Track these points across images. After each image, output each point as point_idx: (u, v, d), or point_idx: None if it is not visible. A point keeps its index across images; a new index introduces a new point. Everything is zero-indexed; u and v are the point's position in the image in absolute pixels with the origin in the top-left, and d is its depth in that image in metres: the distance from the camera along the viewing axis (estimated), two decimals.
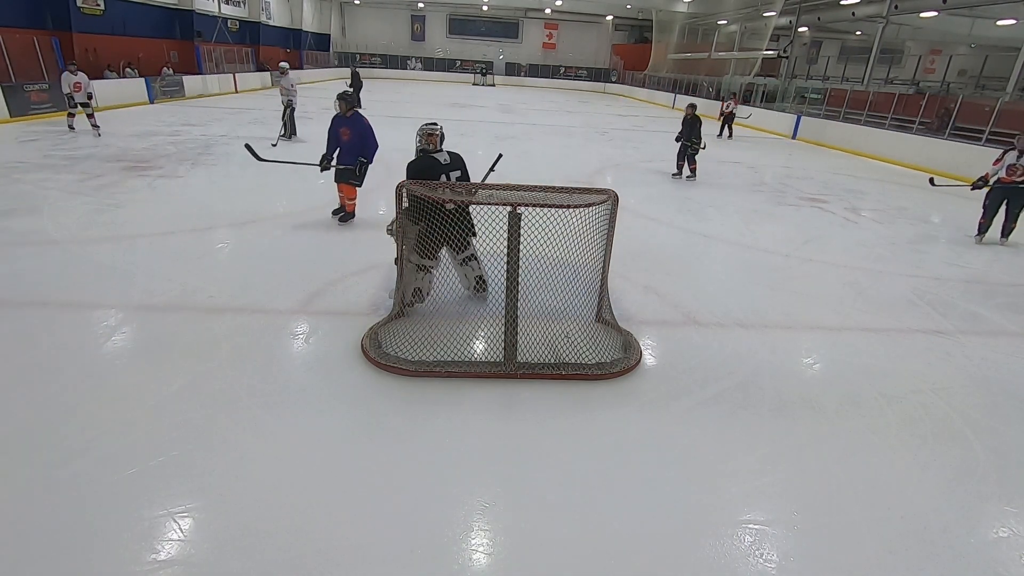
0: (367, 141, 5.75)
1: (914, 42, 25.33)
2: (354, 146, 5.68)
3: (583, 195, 3.54)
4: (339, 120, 5.72)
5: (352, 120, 5.68)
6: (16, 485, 2.36)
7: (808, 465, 2.78)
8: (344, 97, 5.73)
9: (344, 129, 5.66)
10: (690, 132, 9.78)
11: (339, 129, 5.68)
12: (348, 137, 5.65)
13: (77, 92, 10.73)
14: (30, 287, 4.15)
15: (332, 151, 5.79)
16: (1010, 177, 6.54)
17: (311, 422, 2.87)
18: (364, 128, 5.71)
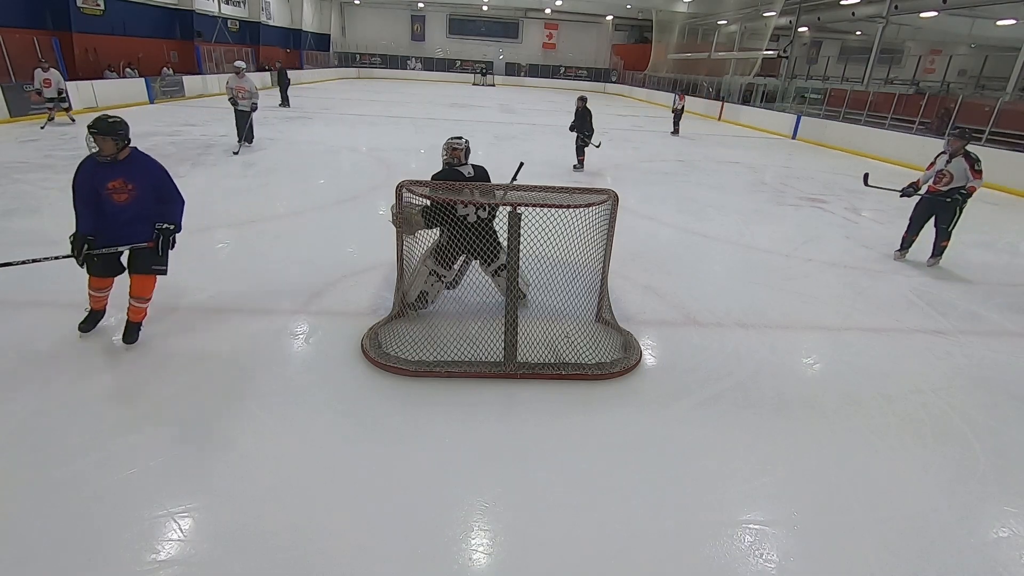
0: (165, 194, 3.40)
1: (914, 42, 25.35)
2: (141, 210, 3.28)
3: (583, 195, 3.54)
4: (102, 170, 3.29)
5: (129, 166, 3.30)
6: (16, 485, 2.36)
7: (808, 465, 2.78)
8: (108, 129, 3.22)
9: (116, 183, 3.24)
10: (582, 124, 9.64)
11: (104, 184, 3.27)
12: (126, 197, 3.25)
13: (47, 88, 11.27)
14: (30, 287, 4.15)
15: (88, 224, 3.32)
16: (936, 186, 5.62)
17: (311, 422, 2.87)
18: (156, 176, 3.38)
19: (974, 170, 5.34)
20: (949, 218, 5.58)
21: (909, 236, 5.93)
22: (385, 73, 38.99)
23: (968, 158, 5.36)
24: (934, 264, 5.84)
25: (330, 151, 10.67)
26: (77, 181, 3.34)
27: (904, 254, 6.00)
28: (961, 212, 5.55)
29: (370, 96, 24.04)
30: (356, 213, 6.79)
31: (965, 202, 5.51)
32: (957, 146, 5.41)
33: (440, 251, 3.78)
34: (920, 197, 5.74)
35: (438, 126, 15.24)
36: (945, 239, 5.72)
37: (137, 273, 3.43)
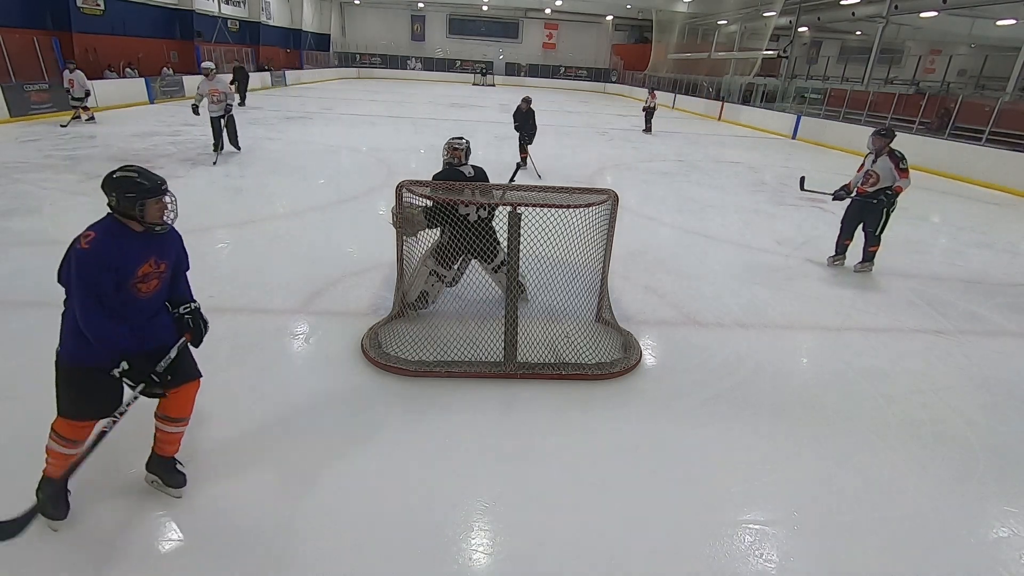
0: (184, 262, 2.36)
1: (914, 42, 25.34)
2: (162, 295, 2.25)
3: (583, 195, 3.54)
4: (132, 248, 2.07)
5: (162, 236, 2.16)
6: (16, 485, 2.36)
7: (808, 465, 2.78)
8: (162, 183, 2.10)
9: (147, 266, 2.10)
10: (524, 124, 9.52)
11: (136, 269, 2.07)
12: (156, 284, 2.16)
13: (72, 88, 11.67)
14: (30, 287, 4.15)
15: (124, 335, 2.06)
16: (864, 187, 5.37)
17: (311, 422, 2.87)
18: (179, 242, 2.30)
19: (899, 168, 5.11)
20: (876, 221, 5.32)
21: (841, 240, 5.64)
22: (385, 73, 38.98)
23: (893, 156, 5.14)
24: (863, 270, 5.51)
25: (330, 151, 10.67)
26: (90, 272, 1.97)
27: (838, 260, 5.66)
28: (889, 214, 5.31)
29: (370, 96, 24.05)
30: (356, 213, 6.80)
31: (892, 203, 5.27)
32: (880, 145, 5.19)
33: (440, 251, 3.79)
34: (851, 200, 5.46)
35: (438, 126, 15.23)
36: (874, 244, 5.42)
37: (183, 383, 2.27)
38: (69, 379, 2.11)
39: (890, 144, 5.18)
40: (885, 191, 5.22)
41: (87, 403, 2.14)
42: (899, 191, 5.20)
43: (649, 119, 16.66)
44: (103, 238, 2.01)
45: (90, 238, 1.99)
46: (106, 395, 2.13)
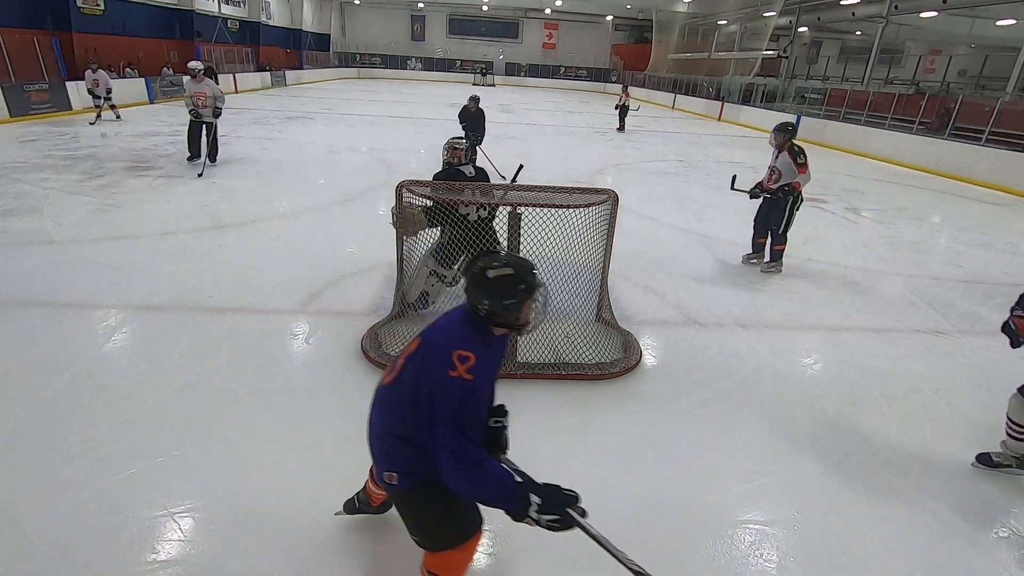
0: None
1: (914, 42, 25.35)
2: None
3: (583, 195, 3.54)
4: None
5: None
6: (16, 485, 2.36)
7: (808, 465, 2.78)
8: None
9: None
10: (475, 126, 9.01)
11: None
12: None
13: (96, 88, 12.13)
14: (30, 287, 4.15)
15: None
16: (769, 184, 5.24)
17: (311, 422, 2.87)
18: None
19: (797, 164, 5.01)
20: (779, 219, 5.20)
21: (755, 238, 5.53)
22: (385, 73, 38.99)
23: (792, 152, 5.03)
24: (769, 270, 5.33)
25: (330, 151, 10.67)
26: (484, 381, 1.67)
27: (754, 258, 5.56)
28: (791, 211, 5.20)
29: (370, 96, 24.05)
30: (356, 213, 6.80)
31: (794, 200, 5.16)
32: (780, 140, 5.10)
33: (441, 251, 3.79)
34: (764, 198, 5.35)
35: (438, 126, 15.23)
36: (779, 242, 5.27)
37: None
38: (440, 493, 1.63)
39: (791, 140, 5.12)
40: (784, 188, 5.14)
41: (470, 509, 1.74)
42: (797, 187, 5.11)
43: (623, 117, 16.40)
44: (484, 360, 1.55)
45: (471, 364, 1.49)
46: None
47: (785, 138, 5.10)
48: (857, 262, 5.89)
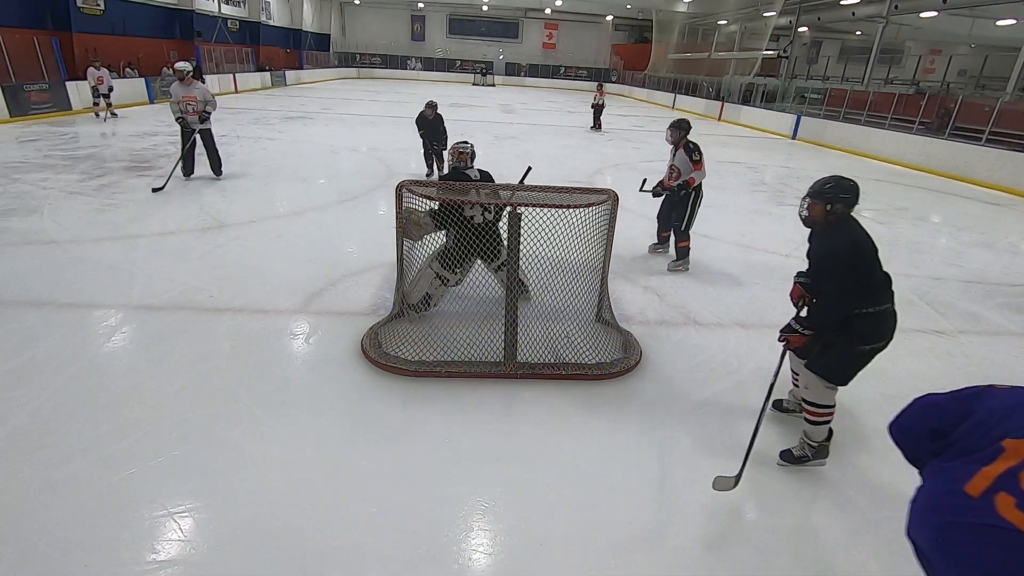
0: None
1: (914, 42, 25.37)
2: None
3: (583, 195, 3.54)
4: None
5: None
6: (16, 485, 2.36)
7: (808, 465, 2.78)
8: None
9: None
10: (434, 132, 8.55)
11: None
12: None
13: (100, 85, 12.54)
14: (30, 287, 4.15)
15: None
16: (670, 182, 5.33)
17: (311, 422, 2.87)
18: None
19: (692, 160, 5.07)
20: (681, 215, 5.17)
21: (659, 231, 5.68)
22: (385, 73, 39.01)
23: (687, 149, 5.09)
24: (676, 269, 5.24)
25: (330, 151, 10.67)
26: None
27: (660, 248, 5.66)
28: (692, 208, 5.19)
29: (370, 96, 24.04)
30: (356, 213, 6.80)
31: (694, 197, 5.18)
32: (676, 137, 5.15)
33: (446, 254, 3.79)
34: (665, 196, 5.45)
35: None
36: (682, 239, 5.21)
37: None
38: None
39: (686, 136, 5.14)
40: (681, 185, 5.18)
41: None
42: (692, 183, 5.12)
43: (597, 116, 16.11)
44: None
45: None
46: None
47: (680, 135, 5.14)
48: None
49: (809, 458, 2.71)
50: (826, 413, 2.64)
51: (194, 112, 7.31)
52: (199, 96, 7.31)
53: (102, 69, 12.74)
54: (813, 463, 2.72)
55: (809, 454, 2.70)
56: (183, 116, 7.33)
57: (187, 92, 7.27)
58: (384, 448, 2.72)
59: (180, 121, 7.35)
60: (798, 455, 2.74)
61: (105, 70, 12.88)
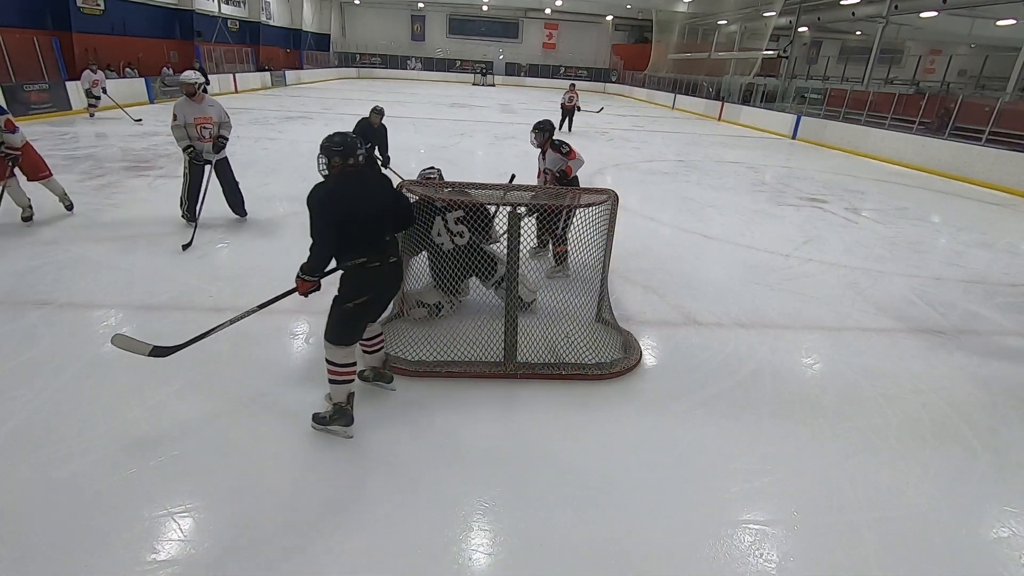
0: None
1: (914, 42, 25.36)
2: None
3: (583, 195, 3.54)
4: None
5: None
6: (16, 485, 2.36)
7: (808, 465, 2.78)
8: None
9: None
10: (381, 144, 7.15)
11: None
12: None
13: (95, 87, 12.72)
14: (30, 287, 4.15)
15: None
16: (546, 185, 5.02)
17: (310, 422, 2.86)
18: None
19: (563, 153, 4.85)
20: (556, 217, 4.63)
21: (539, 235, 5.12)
22: (385, 73, 38.99)
23: (555, 147, 4.90)
24: (556, 275, 4.79)
25: None
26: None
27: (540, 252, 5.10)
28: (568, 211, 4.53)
29: (370, 96, 24.03)
30: None
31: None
32: (541, 140, 4.96)
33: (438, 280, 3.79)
34: None
35: (438, 126, 15.23)
36: (559, 244, 4.76)
37: None
38: None
39: (551, 137, 4.98)
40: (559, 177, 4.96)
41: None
42: (569, 172, 4.92)
43: (569, 117, 15.15)
44: None
45: None
46: None
47: (545, 137, 4.97)
48: (857, 262, 5.89)
49: (330, 420, 2.73)
50: (339, 372, 2.69)
51: (209, 138, 5.47)
52: (215, 116, 5.49)
53: (99, 72, 12.93)
54: (339, 431, 2.73)
55: (329, 415, 2.74)
56: (193, 145, 5.45)
57: (201, 112, 5.45)
58: (384, 448, 2.72)
59: (189, 152, 5.41)
60: (322, 415, 2.77)
61: (102, 73, 13.14)
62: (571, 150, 4.94)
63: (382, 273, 2.66)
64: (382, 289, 2.73)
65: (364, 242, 2.59)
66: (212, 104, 5.56)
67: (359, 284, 2.62)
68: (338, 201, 2.55)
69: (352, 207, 2.56)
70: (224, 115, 5.59)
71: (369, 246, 2.61)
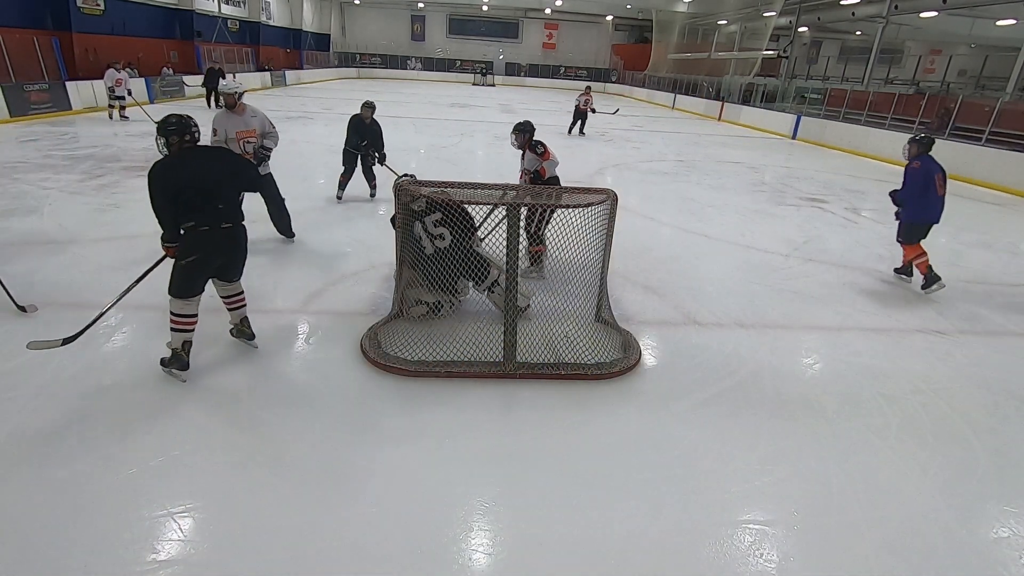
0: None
1: (914, 42, 25.37)
2: None
3: (583, 195, 3.54)
4: None
5: None
6: (16, 485, 2.36)
7: (808, 465, 2.78)
8: None
9: None
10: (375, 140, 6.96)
11: None
12: None
13: (118, 87, 12.53)
14: (30, 287, 4.14)
15: None
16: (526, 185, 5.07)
17: (311, 422, 2.87)
18: None
19: (538, 154, 5.02)
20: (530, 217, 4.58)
21: None
22: (385, 73, 39.01)
23: (532, 148, 5.06)
24: (531, 275, 4.70)
25: (330, 151, 10.64)
26: None
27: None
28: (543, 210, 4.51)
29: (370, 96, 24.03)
30: (356, 213, 6.79)
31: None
32: (521, 142, 5.10)
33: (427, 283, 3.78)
34: None
35: (438, 126, 15.24)
36: (536, 244, 4.66)
37: None
38: None
39: (532, 138, 5.08)
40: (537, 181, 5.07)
41: None
42: (543, 172, 5.04)
43: (582, 120, 14.56)
44: None
45: None
46: None
47: (526, 138, 5.08)
48: (857, 262, 5.89)
49: (168, 363, 3.13)
50: (177, 321, 3.10)
51: (252, 153, 4.86)
52: (258, 128, 4.84)
53: (123, 71, 12.77)
54: (177, 374, 3.12)
55: (168, 359, 3.15)
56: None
57: (244, 125, 4.80)
58: (384, 448, 2.72)
59: None
60: (164, 359, 3.16)
61: (125, 72, 12.89)
62: (545, 151, 5.02)
63: (212, 236, 3.07)
64: (212, 250, 3.11)
65: (198, 209, 3.01)
66: (255, 114, 4.89)
67: (191, 245, 3.05)
68: (171, 175, 2.96)
69: (185, 179, 2.97)
70: (268, 125, 4.96)
71: (202, 213, 3.02)
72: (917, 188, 5.47)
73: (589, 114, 14.74)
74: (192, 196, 2.96)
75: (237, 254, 3.27)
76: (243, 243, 3.26)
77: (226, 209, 3.11)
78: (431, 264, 3.68)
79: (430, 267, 3.68)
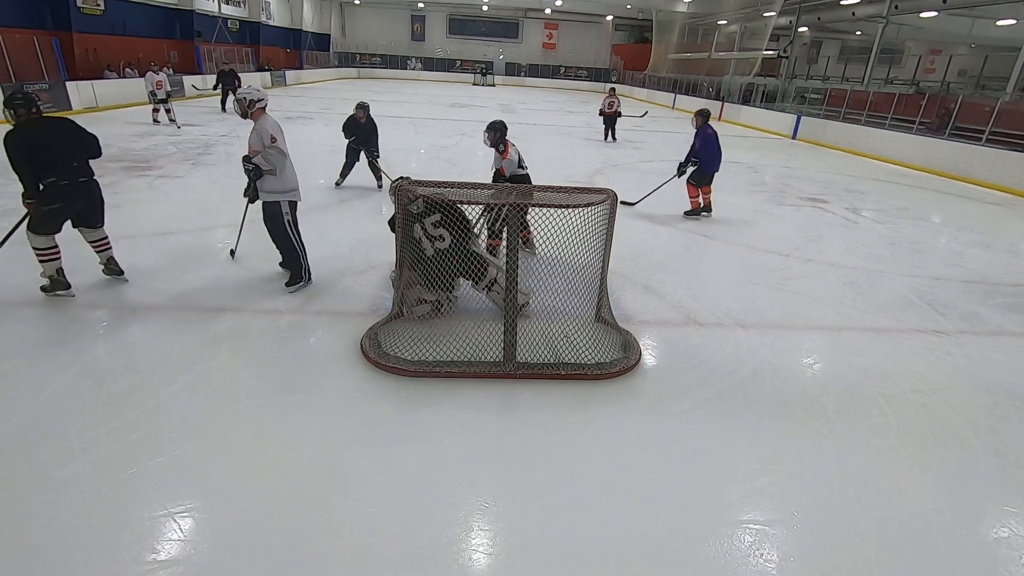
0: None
1: (914, 42, 25.35)
2: None
3: (583, 195, 3.54)
4: None
5: None
6: (16, 485, 2.36)
7: (808, 465, 2.78)
8: None
9: None
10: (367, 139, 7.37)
11: None
12: None
13: (159, 90, 12.12)
14: (30, 287, 4.14)
15: None
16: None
17: (311, 422, 2.87)
18: None
19: (498, 151, 5.11)
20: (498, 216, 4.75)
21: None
22: (385, 73, 39.02)
23: (495, 147, 5.16)
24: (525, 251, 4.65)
25: (330, 151, 10.65)
26: None
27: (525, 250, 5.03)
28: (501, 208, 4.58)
29: (370, 96, 24.00)
30: (356, 213, 6.80)
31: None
32: (493, 139, 5.12)
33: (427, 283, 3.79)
34: None
35: (438, 126, 15.24)
36: (492, 237, 4.81)
37: None
38: None
39: (503, 137, 5.12)
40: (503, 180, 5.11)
41: None
42: (502, 172, 5.09)
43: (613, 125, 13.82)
44: None
45: None
46: None
47: (496, 136, 5.11)
48: (857, 262, 5.89)
49: (52, 289, 3.93)
50: (43, 254, 3.85)
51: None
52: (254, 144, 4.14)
53: (161, 73, 12.35)
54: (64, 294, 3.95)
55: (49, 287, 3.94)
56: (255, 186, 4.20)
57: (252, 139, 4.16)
58: (384, 448, 2.73)
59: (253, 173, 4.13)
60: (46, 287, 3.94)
61: (164, 75, 12.43)
62: (505, 149, 5.05)
63: (70, 188, 3.78)
64: (70, 199, 3.83)
65: (55, 166, 3.68)
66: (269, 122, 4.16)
67: (53, 195, 3.72)
68: (22, 140, 3.56)
69: (37, 143, 3.60)
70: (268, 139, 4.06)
71: (60, 169, 3.71)
72: (712, 146, 6.90)
73: (618, 118, 13.90)
74: (51, 157, 3.64)
75: (93, 203, 3.99)
76: (98, 194, 4.00)
77: (80, 167, 3.84)
78: (431, 265, 3.69)
79: (431, 268, 3.69)
